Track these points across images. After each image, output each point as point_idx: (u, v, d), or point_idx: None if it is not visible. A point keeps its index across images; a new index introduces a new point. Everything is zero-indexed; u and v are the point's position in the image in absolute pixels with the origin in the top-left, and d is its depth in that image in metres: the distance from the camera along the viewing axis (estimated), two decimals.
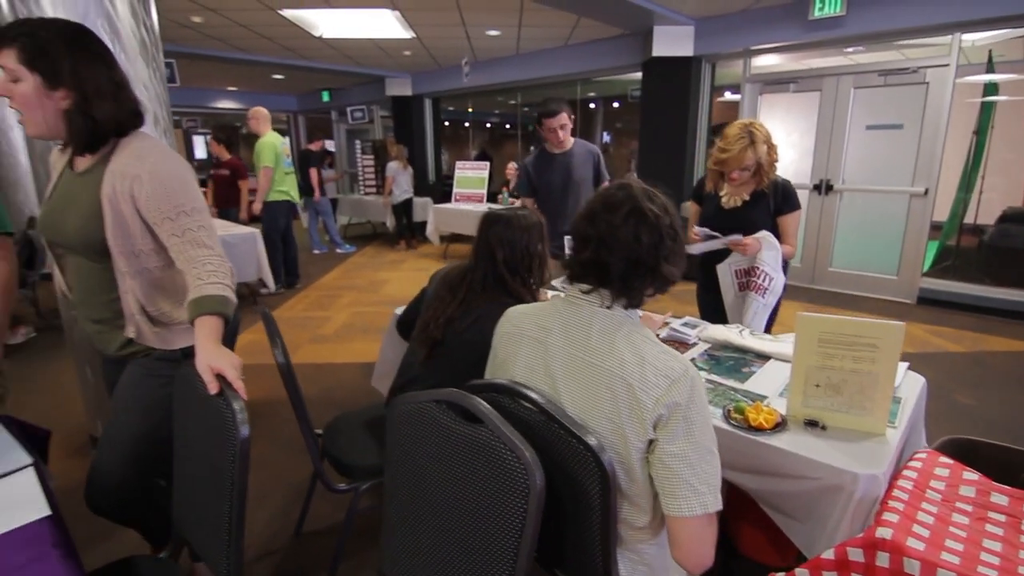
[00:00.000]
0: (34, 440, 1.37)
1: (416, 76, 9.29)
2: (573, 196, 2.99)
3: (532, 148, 11.40)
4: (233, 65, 8.01)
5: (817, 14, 4.76)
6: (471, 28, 6.12)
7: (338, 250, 7.67)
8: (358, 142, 9.45)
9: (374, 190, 8.92)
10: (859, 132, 5.11)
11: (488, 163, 7.32)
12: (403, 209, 7.82)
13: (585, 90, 8.44)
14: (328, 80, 10.07)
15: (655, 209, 0.97)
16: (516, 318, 1.14)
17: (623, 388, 0.92)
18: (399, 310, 2.29)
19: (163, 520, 1.50)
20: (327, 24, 5.97)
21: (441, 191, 9.59)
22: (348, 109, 10.39)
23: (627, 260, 0.95)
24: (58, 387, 3.07)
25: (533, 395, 1.00)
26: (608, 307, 0.99)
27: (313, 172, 6.70)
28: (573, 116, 2.95)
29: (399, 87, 9.39)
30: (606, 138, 10.63)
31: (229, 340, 1.47)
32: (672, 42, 5.65)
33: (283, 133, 11.07)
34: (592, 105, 9.80)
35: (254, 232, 4.63)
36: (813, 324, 1.29)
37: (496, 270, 1.53)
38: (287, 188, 5.32)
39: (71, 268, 1.39)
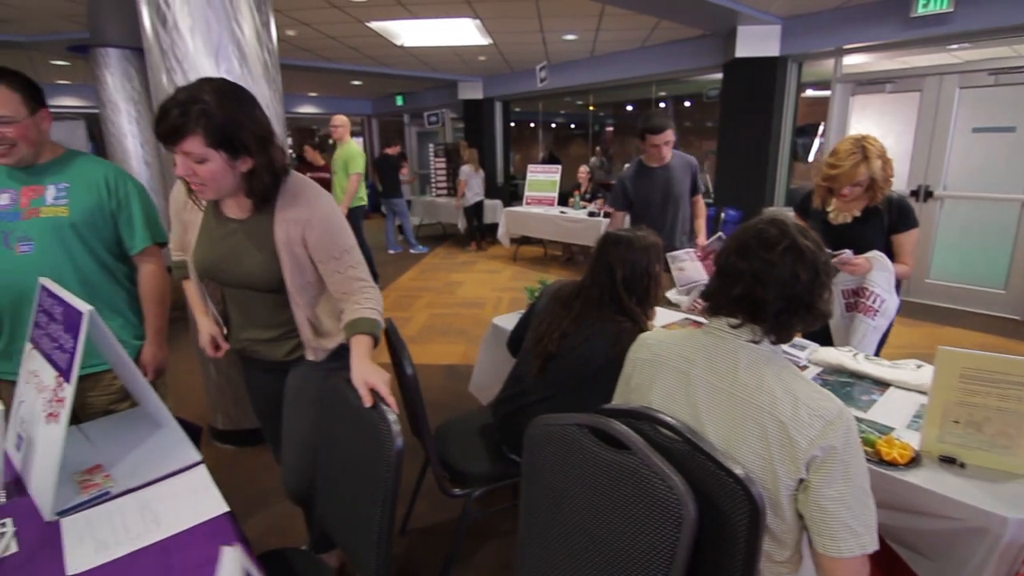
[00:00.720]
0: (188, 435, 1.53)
1: (488, 80, 9.43)
2: (672, 211, 2.96)
3: (597, 149, 11.30)
4: (318, 73, 8.41)
5: (921, 11, 4.48)
6: (548, 34, 6.16)
7: (411, 250, 7.91)
8: (431, 145, 9.70)
9: (445, 192, 9.13)
10: (964, 135, 4.77)
11: (559, 167, 7.34)
12: (474, 211, 7.97)
13: (658, 89, 8.30)
14: (402, 85, 10.40)
15: (811, 245, 0.97)
16: (654, 345, 1.17)
17: (774, 425, 0.93)
18: (498, 320, 2.37)
19: None
20: (409, 33, 6.17)
21: (508, 193, 9.70)
22: (425, 114, 10.67)
23: (784, 297, 0.96)
24: (175, 380, 3.35)
25: (676, 423, 1.03)
26: (756, 342, 1.01)
27: (399, 173, 6.96)
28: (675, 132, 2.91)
29: (471, 91, 9.56)
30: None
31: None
32: (757, 42, 5.48)
33: (356, 136, 11.48)
34: (662, 105, 9.61)
35: None
36: (955, 359, 1.24)
37: (613, 289, 1.56)
38: (362, 193, 5.57)
39: (234, 298, 1.53)
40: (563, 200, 7.22)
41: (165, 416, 1.42)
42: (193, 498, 1.18)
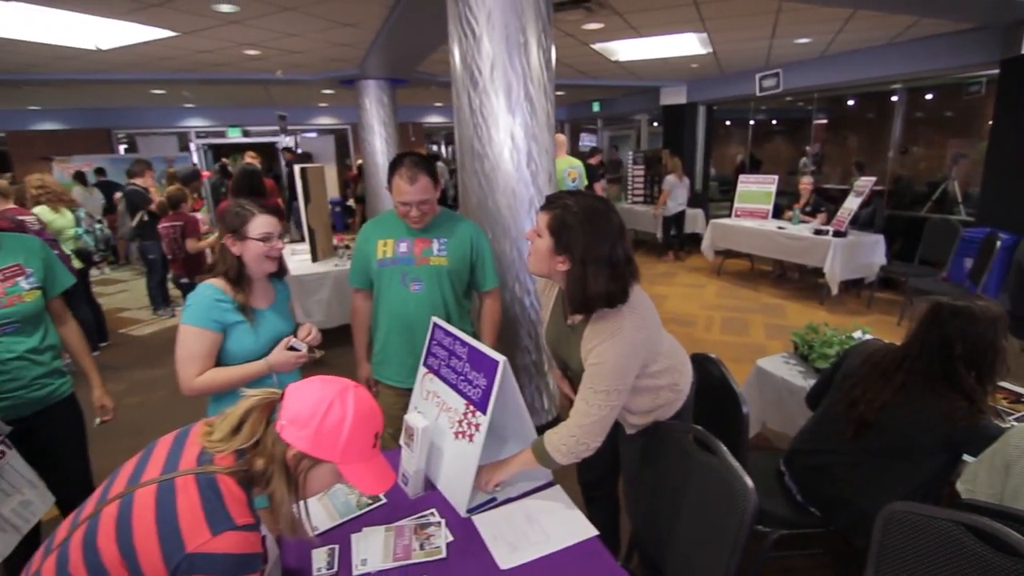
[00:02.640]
0: None
1: (692, 84, 9.17)
2: None
3: (807, 149, 10.31)
4: None
5: None
6: (778, 40, 5.83)
7: None
8: (630, 152, 9.74)
9: (642, 199, 9.13)
10: None
11: (776, 177, 6.88)
12: (674, 221, 7.86)
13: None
14: (600, 92, 10.60)
15: None
16: None
17: None
18: (763, 363, 2.39)
19: None
20: (628, 50, 6.30)
21: (705, 198, 9.35)
22: (637, 118, 10.73)
23: None
24: None
25: None
26: None
27: (598, 185, 7.17)
28: None
29: (673, 96, 9.39)
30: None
31: None
32: None
33: None
34: (894, 98, 8.33)
35: None
36: None
37: (950, 364, 1.51)
38: None
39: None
40: (777, 213, 6.77)
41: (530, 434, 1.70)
42: (564, 515, 1.45)
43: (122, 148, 11.59)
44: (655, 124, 11.93)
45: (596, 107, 11.76)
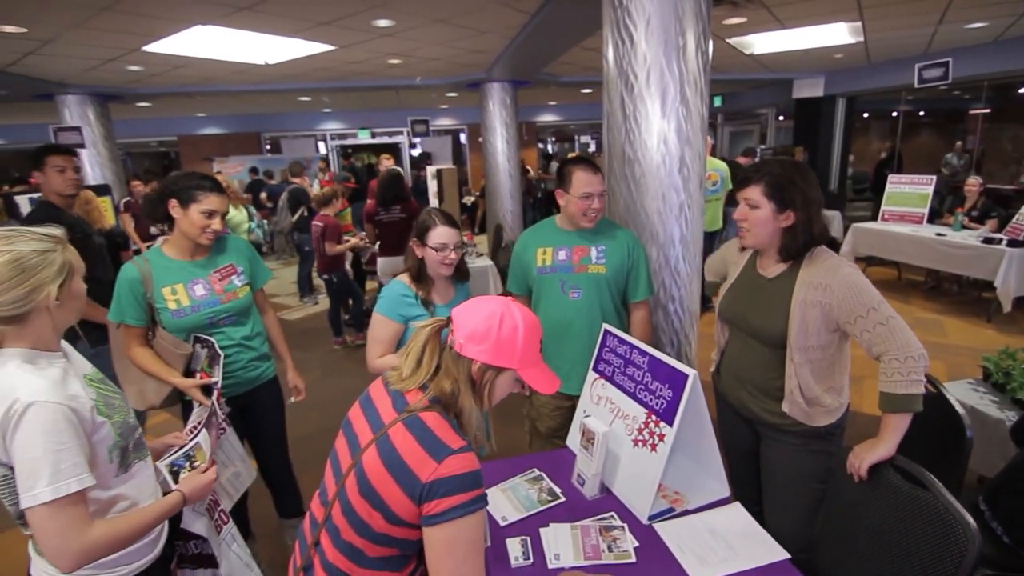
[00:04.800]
0: None
1: (832, 75, 8.48)
2: None
3: (959, 144, 9.14)
4: None
5: None
6: (947, 25, 5.24)
7: None
8: (759, 149, 9.21)
9: None
10: None
11: (933, 178, 6.18)
12: None
13: None
14: (723, 86, 10.11)
15: None
16: None
17: None
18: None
19: None
20: (764, 43, 5.97)
21: (843, 199, 8.62)
22: (763, 112, 10.20)
23: None
24: None
25: None
26: None
27: None
28: None
29: (809, 88, 8.74)
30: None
31: None
32: None
33: None
34: None
35: None
36: None
37: None
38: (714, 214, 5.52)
39: (737, 342, 1.78)
40: (931, 217, 6.08)
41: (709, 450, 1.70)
42: (750, 533, 1.43)
43: (266, 149, 12.86)
44: (781, 118, 11.21)
45: (717, 101, 11.23)
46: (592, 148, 19.47)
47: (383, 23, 4.10)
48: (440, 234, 1.85)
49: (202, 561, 1.42)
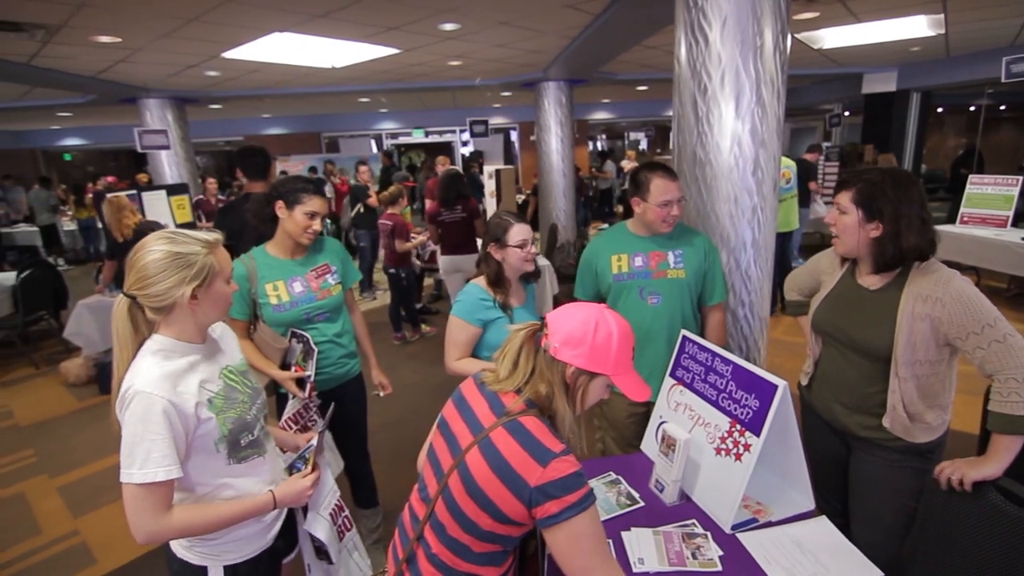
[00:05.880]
0: None
1: (906, 68, 8.06)
2: None
3: None
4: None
5: None
6: None
7: (792, 263, 7.47)
8: (825, 146, 8.85)
9: (830, 200, 8.27)
10: None
11: (1020, 178, 5.78)
12: None
13: None
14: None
15: None
16: None
17: None
18: None
19: None
20: (835, 37, 5.74)
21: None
22: (828, 108, 9.81)
23: None
24: None
25: None
26: None
27: (813, 184, 6.62)
28: None
29: (880, 82, 8.33)
30: None
31: None
32: None
33: None
34: None
35: None
36: None
37: None
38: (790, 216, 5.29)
39: (833, 354, 1.73)
40: (1017, 218, 5.69)
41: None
42: (840, 550, 1.41)
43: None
44: (846, 114, 10.73)
45: None
46: (643, 146, 19.17)
47: (449, 27, 4.18)
48: (519, 231, 1.90)
49: (325, 556, 1.49)
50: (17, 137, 12.44)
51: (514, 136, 14.86)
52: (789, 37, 2.68)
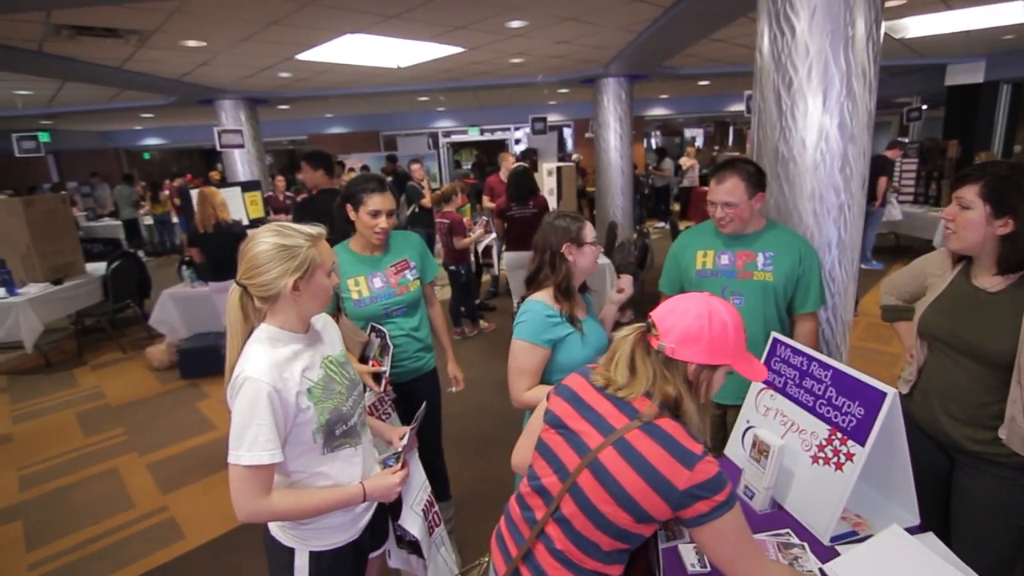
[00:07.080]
0: None
1: (995, 58, 7.51)
2: None
3: None
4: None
5: None
6: None
7: (863, 265, 7.10)
8: (904, 141, 8.36)
9: (911, 199, 7.81)
10: None
11: None
12: None
13: None
14: None
15: None
16: None
17: None
18: None
19: None
20: (920, 25, 5.40)
21: None
22: (906, 101, 9.29)
23: None
24: None
25: None
26: None
27: (883, 179, 6.29)
28: None
29: (966, 74, 7.80)
30: None
31: None
32: None
33: None
34: None
35: None
36: None
37: None
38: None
39: (942, 361, 1.63)
40: None
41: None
42: (954, 571, 1.32)
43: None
44: (925, 107, 10.09)
45: None
46: (699, 142, 18.64)
47: (516, 24, 4.19)
48: (591, 228, 1.80)
49: (417, 550, 1.52)
50: (103, 137, 13.35)
51: (568, 133, 14.77)
52: (883, 26, 2.54)
